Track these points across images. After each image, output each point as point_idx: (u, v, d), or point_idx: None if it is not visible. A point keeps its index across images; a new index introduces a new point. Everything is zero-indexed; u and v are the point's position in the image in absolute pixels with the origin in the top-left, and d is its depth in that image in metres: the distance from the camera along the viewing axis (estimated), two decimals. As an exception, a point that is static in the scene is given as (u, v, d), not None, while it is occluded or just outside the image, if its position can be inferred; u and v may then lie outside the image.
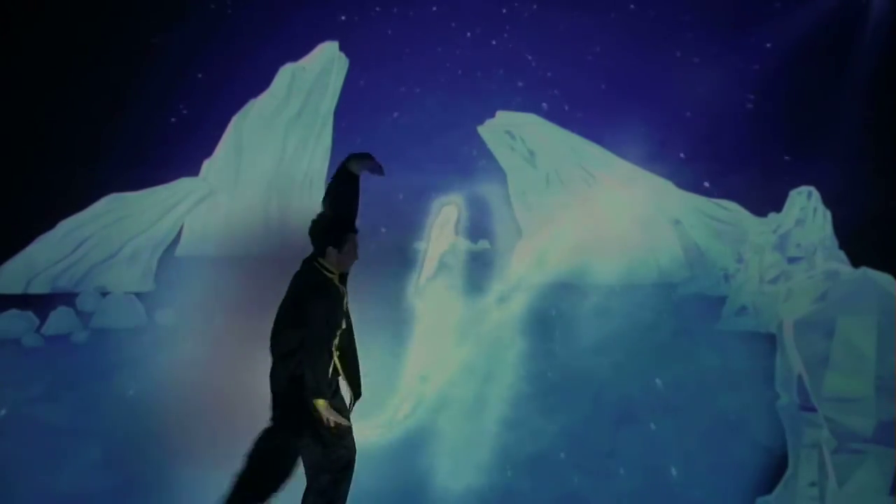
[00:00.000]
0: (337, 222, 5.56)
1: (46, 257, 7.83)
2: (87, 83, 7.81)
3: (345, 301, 5.41)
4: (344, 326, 5.36)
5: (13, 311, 7.73)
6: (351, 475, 5.33)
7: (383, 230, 7.90)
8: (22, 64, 7.78)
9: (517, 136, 8.15)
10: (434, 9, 8.05)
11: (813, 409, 7.60)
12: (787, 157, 8.02)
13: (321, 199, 5.84)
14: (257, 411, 7.71)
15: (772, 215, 8.10)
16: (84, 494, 7.47)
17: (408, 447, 7.64)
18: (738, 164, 7.98)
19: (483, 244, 8.04)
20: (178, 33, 7.84)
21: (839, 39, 8.05)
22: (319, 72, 8.10)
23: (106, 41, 7.80)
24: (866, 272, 7.64)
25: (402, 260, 7.90)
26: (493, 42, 8.09)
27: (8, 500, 7.45)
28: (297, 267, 6.18)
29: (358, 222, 7.40)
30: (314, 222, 5.50)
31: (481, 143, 8.09)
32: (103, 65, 7.81)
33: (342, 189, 5.62)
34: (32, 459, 7.53)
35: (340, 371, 5.34)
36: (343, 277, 5.54)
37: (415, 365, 7.78)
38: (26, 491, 7.47)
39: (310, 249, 5.64)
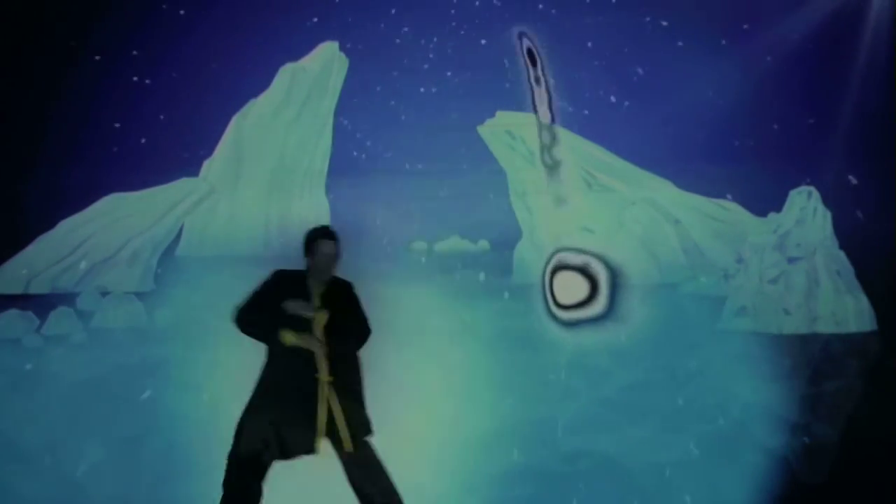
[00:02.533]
0: (310, 231, 6.09)
1: (46, 257, 7.82)
2: (88, 83, 7.82)
3: (315, 303, 5.84)
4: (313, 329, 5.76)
5: (13, 311, 7.74)
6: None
7: (383, 230, 7.90)
8: (21, 64, 7.78)
9: (517, 136, 8.14)
10: (435, 9, 8.04)
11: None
12: (787, 157, 8.02)
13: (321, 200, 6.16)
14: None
15: (772, 215, 8.10)
16: (84, 495, 7.47)
17: (405, 451, 7.62)
18: (738, 164, 7.97)
19: (483, 244, 8.04)
20: (178, 33, 7.83)
21: (839, 39, 8.04)
22: (319, 72, 8.10)
23: (106, 40, 7.80)
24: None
25: (402, 261, 7.89)
26: (494, 42, 8.07)
27: (8, 500, 7.45)
28: (294, 267, 6.22)
29: (358, 224, 7.43)
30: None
31: (481, 143, 8.08)
32: (103, 65, 7.81)
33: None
34: (32, 460, 7.53)
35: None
36: (332, 291, 5.97)
37: (413, 366, 7.77)
38: (26, 492, 7.47)
39: (301, 253, 5.92)
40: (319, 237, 6.02)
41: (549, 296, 7.84)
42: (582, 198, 8.12)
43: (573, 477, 7.73)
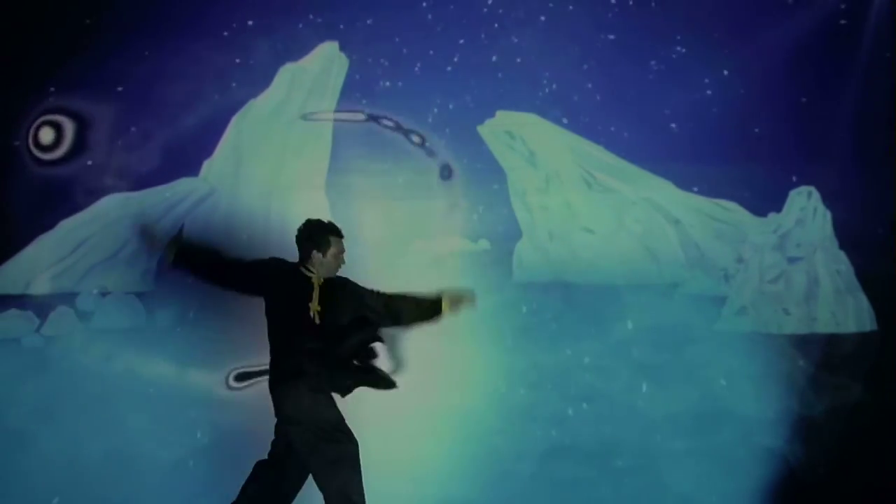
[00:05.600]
0: (320, 226, 5.80)
1: (46, 257, 7.82)
2: (88, 83, 7.82)
3: (314, 302, 5.67)
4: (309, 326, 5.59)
5: (13, 311, 7.74)
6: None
7: (383, 230, 7.91)
8: (21, 63, 7.79)
9: (517, 136, 8.14)
10: (435, 9, 8.05)
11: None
12: (787, 157, 8.01)
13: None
14: (256, 410, 7.75)
15: (772, 215, 8.09)
16: (84, 496, 7.47)
17: (403, 453, 7.63)
18: (738, 164, 7.97)
19: (483, 244, 8.03)
20: (178, 33, 7.84)
21: (840, 39, 8.03)
22: (319, 72, 8.10)
23: (105, 40, 7.81)
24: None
25: (399, 262, 7.89)
26: (494, 42, 8.07)
27: (8, 498, 7.46)
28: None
29: (358, 224, 7.44)
30: (299, 229, 5.82)
31: (481, 143, 8.07)
32: (103, 64, 7.82)
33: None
34: (32, 460, 7.54)
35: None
36: (331, 283, 5.79)
37: (411, 368, 7.76)
38: (27, 492, 7.48)
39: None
40: (332, 234, 5.83)
41: None
42: (582, 198, 8.12)
43: (569, 476, 7.73)
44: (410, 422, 7.65)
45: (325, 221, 5.90)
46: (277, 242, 7.92)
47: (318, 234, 5.82)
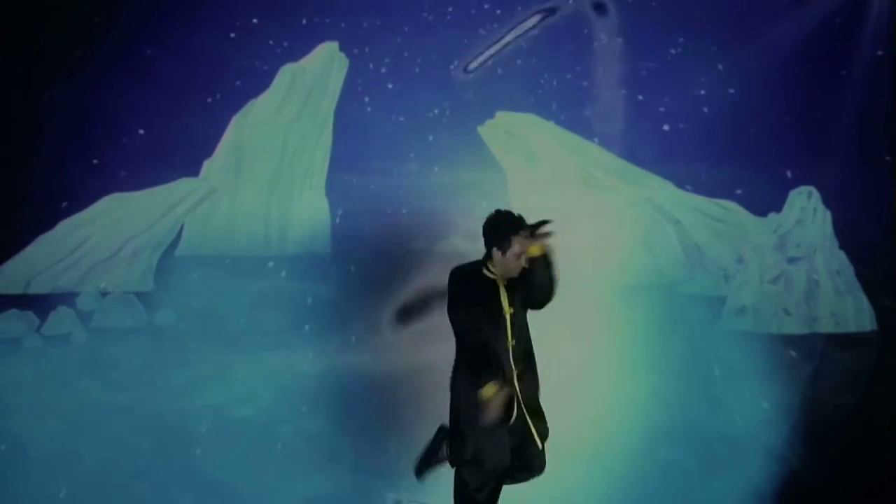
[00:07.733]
0: (503, 223, 5.22)
1: (46, 257, 7.83)
2: (88, 82, 7.82)
3: (504, 305, 5.26)
4: (506, 329, 5.28)
5: (13, 311, 7.74)
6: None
7: (383, 231, 7.91)
8: (22, 64, 7.79)
9: (517, 136, 8.15)
10: (435, 10, 8.05)
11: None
12: (787, 158, 8.02)
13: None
14: (256, 411, 7.78)
15: (772, 215, 8.10)
16: (85, 495, 7.48)
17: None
18: (738, 164, 7.98)
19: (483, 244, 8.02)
20: (179, 33, 7.85)
21: (839, 39, 8.04)
22: (319, 72, 8.11)
23: (106, 41, 7.81)
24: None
25: (399, 262, 7.89)
26: (494, 42, 8.08)
27: (9, 498, 7.46)
28: (295, 267, 6.20)
29: (358, 224, 7.42)
30: (487, 220, 5.32)
31: (481, 143, 8.08)
32: (104, 65, 7.82)
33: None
34: (32, 460, 7.54)
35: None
36: (514, 283, 5.32)
37: (413, 368, 7.78)
38: (27, 492, 7.48)
39: (301, 252, 5.78)
40: (517, 234, 5.21)
41: None
42: (582, 198, 8.13)
43: (566, 476, 7.72)
44: (410, 424, 7.65)
45: (514, 216, 5.27)
46: (277, 242, 7.99)
47: (499, 232, 5.25)
